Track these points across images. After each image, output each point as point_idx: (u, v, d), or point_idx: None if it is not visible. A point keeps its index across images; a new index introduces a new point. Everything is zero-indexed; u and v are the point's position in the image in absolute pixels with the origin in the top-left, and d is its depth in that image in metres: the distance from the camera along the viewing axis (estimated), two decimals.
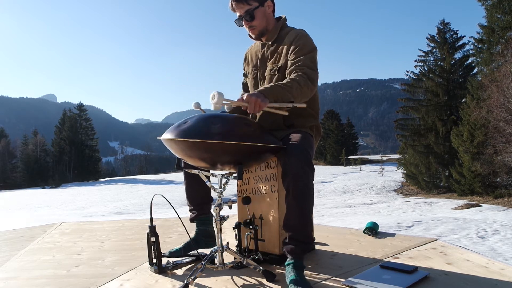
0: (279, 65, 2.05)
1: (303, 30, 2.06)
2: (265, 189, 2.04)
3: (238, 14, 2.05)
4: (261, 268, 1.78)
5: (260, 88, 1.81)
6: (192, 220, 2.17)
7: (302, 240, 1.79)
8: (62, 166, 49.44)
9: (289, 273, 1.69)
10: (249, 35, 2.12)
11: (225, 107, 2.14)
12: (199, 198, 2.14)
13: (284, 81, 1.86)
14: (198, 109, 2.05)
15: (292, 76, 1.88)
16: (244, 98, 1.68)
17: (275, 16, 2.16)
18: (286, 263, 1.76)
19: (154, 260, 1.95)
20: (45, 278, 2.03)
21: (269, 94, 1.73)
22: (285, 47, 2.04)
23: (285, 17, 2.17)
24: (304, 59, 1.93)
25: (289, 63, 1.98)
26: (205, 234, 2.14)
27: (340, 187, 23.00)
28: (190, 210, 2.18)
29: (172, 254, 2.06)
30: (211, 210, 2.04)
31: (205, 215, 2.15)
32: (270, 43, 2.13)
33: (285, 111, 1.87)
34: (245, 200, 2.03)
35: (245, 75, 2.33)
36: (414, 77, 24.45)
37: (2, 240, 3.09)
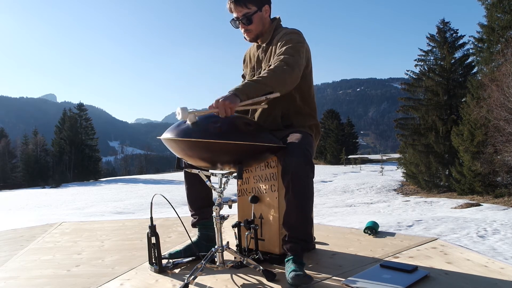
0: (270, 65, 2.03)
1: (294, 29, 2.04)
2: (265, 189, 2.04)
3: (235, 15, 2.04)
4: (261, 267, 1.78)
5: (232, 88, 1.74)
6: (193, 225, 2.16)
7: (302, 238, 1.79)
8: (62, 166, 49.43)
9: (288, 266, 1.70)
10: (244, 37, 2.12)
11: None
12: (200, 201, 2.13)
13: (260, 74, 1.82)
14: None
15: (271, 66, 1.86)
16: (214, 104, 1.62)
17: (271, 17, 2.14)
18: (286, 259, 1.77)
19: (154, 260, 1.95)
20: (45, 278, 2.03)
21: (240, 93, 1.67)
22: (274, 47, 2.03)
23: (279, 17, 2.16)
24: (285, 49, 1.89)
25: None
26: (207, 238, 2.13)
27: (340, 186, 22.99)
28: (192, 215, 2.17)
29: (172, 255, 2.06)
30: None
31: (206, 220, 2.14)
32: (264, 45, 2.12)
33: (263, 104, 1.84)
34: (253, 199, 2.05)
35: (243, 76, 2.32)
36: (414, 77, 24.44)
37: (3, 240, 3.09)
